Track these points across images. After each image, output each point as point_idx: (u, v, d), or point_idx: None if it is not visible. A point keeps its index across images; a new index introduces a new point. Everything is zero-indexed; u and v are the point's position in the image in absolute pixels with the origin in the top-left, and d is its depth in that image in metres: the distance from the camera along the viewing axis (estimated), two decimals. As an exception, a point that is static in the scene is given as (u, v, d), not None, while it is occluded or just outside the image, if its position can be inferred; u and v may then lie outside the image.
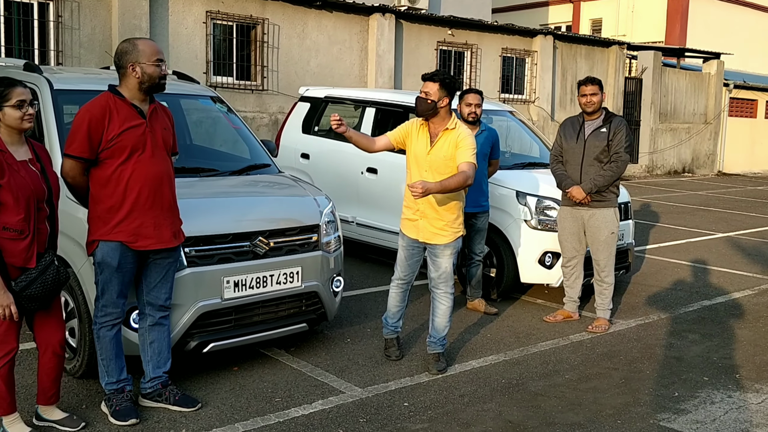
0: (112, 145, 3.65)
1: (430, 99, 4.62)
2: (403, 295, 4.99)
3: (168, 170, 3.82)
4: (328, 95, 8.42)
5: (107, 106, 3.69)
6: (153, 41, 3.86)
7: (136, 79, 3.73)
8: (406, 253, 4.89)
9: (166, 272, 3.90)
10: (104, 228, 3.71)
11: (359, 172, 7.61)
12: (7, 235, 3.34)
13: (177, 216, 3.90)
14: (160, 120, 3.85)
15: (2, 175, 3.32)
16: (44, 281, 3.41)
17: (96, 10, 11.26)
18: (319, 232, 4.82)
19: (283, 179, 5.36)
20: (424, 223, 4.73)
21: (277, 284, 4.53)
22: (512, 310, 6.35)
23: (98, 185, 3.71)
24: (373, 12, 14.37)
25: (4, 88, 3.40)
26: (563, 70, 18.60)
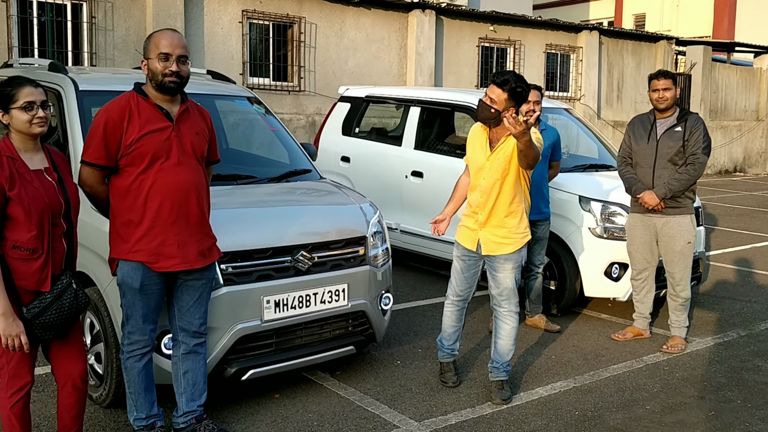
0: (131, 150, 3.20)
1: (494, 108, 4.10)
2: (459, 314, 4.51)
3: (197, 181, 3.33)
4: (370, 95, 7.95)
5: (127, 107, 3.25)
6: (173, 31, 3.33)
7: (147, 76, 3.31)
8: (462, 265, 4.42)
9: (200, 295, 3.44)
10: (124, 246, 3.28)
11: (403, 176, 7.13)
12: (18, 254, 2.93)
13: (207, 233, 3.42)
14: (191, 123, 3.37)
15: (12, 186, 2.91)
16: (60, 307, 2.99)
17: (130, 10, 10.98)
18: (366, 244, 4.36)
19: (326, 186, 4.91)
20: (485, 233, 4.27)
21: (321, 303, 4.07)
22: (575, 327, 5.81)
23: (117, 196, 3.28)
24: (413, 8, 13.89)
25: (11, 88, 2.99)
26: (609, 66, 17.91)
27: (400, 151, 7.24)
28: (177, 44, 3.26)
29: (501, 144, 4.20)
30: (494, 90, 4.09)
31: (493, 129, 4.24)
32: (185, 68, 3.30)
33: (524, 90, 4.08)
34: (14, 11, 10.01)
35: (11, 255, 2.92)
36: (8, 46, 9.94)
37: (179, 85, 3.28)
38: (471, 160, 4.32)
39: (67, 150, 4.35)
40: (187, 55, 3.30)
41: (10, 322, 2.87)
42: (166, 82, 3.24)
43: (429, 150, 7.07)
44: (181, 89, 3.33)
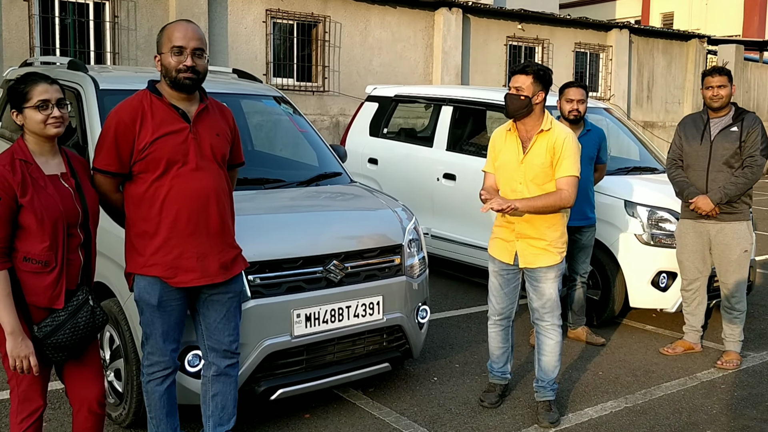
0: (144, 155, 2.90)
1: (523, 95, 3.84)
2: (505, 333, 4.19)
3: (217, 186, 3.02)
4: (398, 94, 7.66)
5: (139, 108, 2.94)
6: (187, 22, 2.99)
7: (161, 73, 2.99)
8: (500, 280, 4.11)
9: (228, 310, 3.13)
10: (139, 259, 2.99)
11: (435, 179, 6.82)
12: (29, 267, 2.67)
13: (230, 243, 3.11)
14: (211, 123, 3.05)
15: (24, 192, 2.65)
16: (75, 326, 2.73)
17: (153, 9, 10.78)
18: (402, 253, 4.06)
19: (357, 189, 4.62)
20: (522, 245, 3.95)
21: (354, 317, 3.79)
22: (620, 339, 5.47)
23: (132, 205, 2.99)
24: (439, 6, 13.59)
25: (24, 86, 2.73)
26: (639, 65, 17.48)
27: (432, 152, 6.93)
28: (191, 36, 2.93)
29: (534, 143, 3.90)
30: (518, 78, 3.87)
31: (522, 127, 3.94)
32: (201, 62, 2.96)
33: (546, 73, 3.88)
34: (36, 11, 9.85)
35: (22, 268, 2.66)
36: (30, 45, 9.78)
37: (195, 82, 2.96)
38: (501, 165, 3.98)
39: (87, 153, 4.10)
40: (203, 48, 2.96)
41: (19, 341, 2.61)
42: (181, 78, 2.91)
43: (462, 151, 6.75)
44: (199, 86, 3.01)
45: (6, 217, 2.61)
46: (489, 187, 4.02)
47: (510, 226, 3.97)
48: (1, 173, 2.62)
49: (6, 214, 2.61)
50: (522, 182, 3.88)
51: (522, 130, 3.93)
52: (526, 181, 3.87)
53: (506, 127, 4.03)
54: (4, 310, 2.59)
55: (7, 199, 2.61)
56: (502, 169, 3.98)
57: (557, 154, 3.83)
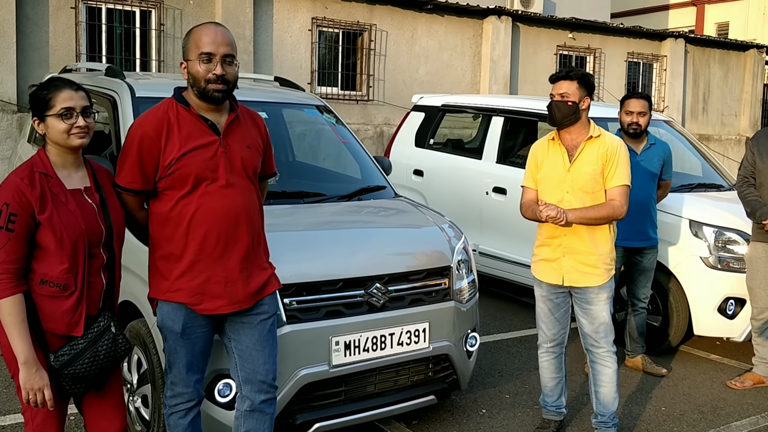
0: (170, 172, 2.66)
1: (570, 100, 3.61)
2: (558, 362, 3.88)
3: (248, 203, 2.76)
4: (446, 103, 7.37)
5: (165, 120, 2.69)
6: (216, 25, 2.73)
7: (188, 82, 2.74)
8: (549, 305, 3.80)
9: (261, 333, 2.82)
10: (163, 283, 2.75)
11: (484, 193, 6.51)
12: (47, 290, 2.45)
13: (261, 265, 2.84)
14: (242, 135, 2.79)
15: (43, 208, 2.44)
16: (95, 355, 2.50)
17: (199, 17, 10.69)
18: (450, 275, 3.77)
19: (402, 204, 4.35)
20: (569, 261, 3.66)
21: (398, 345, 3.50)
22: (683, 370, 5.07)
23: (156, 224, 2.75)
24: (488, 14, 13.26)
25: (47, 92, 2.52)
26: (695, 76, 16.85)
27: (481, 164, 6.62)
28: (221, 41, 2.66)
29: (582, 150, 3.64)
30: (562, 84, 3.65)
31: (567, 136, 3.68)
32: (232, 70, 2.70)
33: (591, 78, 3.73)
34: (83, 18, 9.84)
35: (39, 291, 2.45)
36: (76, 53, 9.77)
37: (225, 93, 2.70)
38: (545, 176, 3.73)
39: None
40: (233, 54, 2.70)
41: (33, 372, 2.39)
42: (210, 90, 2.66)
43: (514, 164, 6.42)
44: (228, 97, 2.75)
45: (22, 236, 2.40)
46: (530, 201, 3.78)
47: (554, 243, 3.70)
48: (19, 187, 2.42)
49: (23, 232, 2.40)
50: (570, 191, 3.63)
51: (567, 139, 3.69)
52: (575, 190, 3.62)
53: (548, 137, 3.80)
54: (17, 337, 2.38)
55: (24, 215, 2.40)
56: (546, 180, 3.73)
57: (610, 162, 3.61)
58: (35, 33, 9.52)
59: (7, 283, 2.38)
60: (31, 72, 9.43)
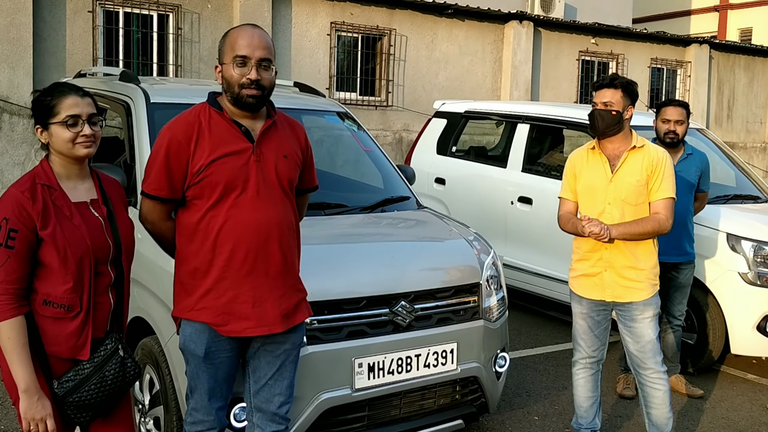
0: (199, 179, 2.47)
1: (614, 110, 3.46)
2: (594, 379, 3.70)
3: (281, 218, 2.55)
4: (469, 110, 7.16)
5: (196, 124, 2.51)
6: (253, 27, 2.55)
7: (222, 87, 2.57)
8: (589, 322, 3.63)
9: (282, 364, 2.63)
10: (187, 300, 2.55)
11: (509, 202, 6.30)
12: (50, 312, 2.27)
13: (294, 286, 2.62)
14: (278, 143, 2.59)
15: (45, 223, 2.26)
16: (102, 381, 2.32)
17: (216, 22, 10.58)
18: (479, 292, 3.56)
19: (428, 216, 4.15)
20: (610, 275, 3.50)
21: (425, 367, 3.30)
22: (720, 391, 4.83)
23: (183, 237, 2.56)
24: (510, 19, 13.05)
25: (51, 98, 2.34)
26: (719, 83, 16.53)
27: (506, 173, 6.41)
28: (257, 44, 2.49)
29: (624, 160, 3.49)
30: (605, 93, 3.50)
31: (610, 145, 3.53)
32: (268, 75, 2.51)
33: (635, 86, 3.60)
34: (100, 22, 9.74)
35: (41, 313, 2.27)
36: (93, 57, 9.67)
37: (260, 99, 2.52)
38: (585, 188, 3.57)
39: (134, 172, 3.75)
40: (270, 59, 2.52)
41: (34, 401, 2.21)
42: (244, 95, 2.48)
43: (540, 173, 6.21)
44: (264, 103, 2.57)
45: (23, 253, 2.23)
46: (568, 213, 3.61)
47: (594, 257, 3.53)
48: (19, 201, 2.24)
49: (23, 250, 2.23)
50: (612, 202, 3.47)
51: (608, 149, 3.54)
52: (617, 201, 3.46)
53: (587, 146, 3.63)
54: (18, 363, 2.20)
55: (25, 231, 2.23)
56: (586, 191, 3.56)
57: (655, 174, 3.45)
58: (52, 37, 9.44)
59: (7, 305, 2.20)
60: (47, 76, 9.34)
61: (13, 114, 9.09)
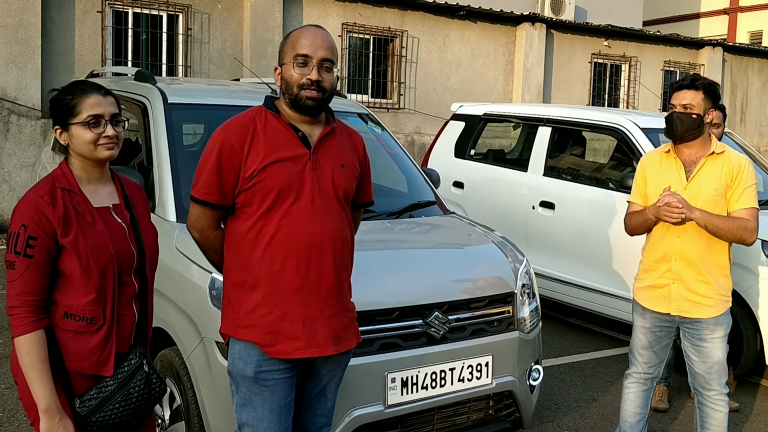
0: (251, 185, 2.30)
1: (694, 113, 3.22)
2: (646, 395, 3.51)
3: (336, 231, 2.36)
4: (488, 112, 7.00)
5: (251, 126, 2.34)
6: (316, 28, 2.40)
7: (281, 89, 2.40)
8: (651, 337, 3.43)
9: (326, 385, 2.47)
10: (234, 316, 2.36)
11: (529, 207, 6.13)
12: (71, 325, 2.11)
13: (345, 305, 2.43)
14: (336, 151, 2.42)
15: (67, 230, 2.10)
16: (126, 399, 2.17)
17: (227, 22, 10.44)
18: (514, 302, 3.40)
19: (456, 222, 3.99)
20: (679, 288, 3.29)
21: (459, 382, 3.14)
22: (757, 404, 4.66)
23: (231, 247, 2.38)
24: (522, 21, 12.89)
25: (71, 97, 2.18)
26: (732, 86, 16.35)
27: (527, 177, 6.24)
28: (320, 44, 2.33)
29: (702, 166, 3.27)
30: (685, 94, 3.26)
31: (687, 150, 3.31)
32: (329, 77, 2.35)
33: (717, 88, 3.34)
34: (109, 22, 9.61)
35: (62, 326, 2.12)
36: (102, 57, 9.54)
37: (320, 102, 2.34)
38: (656, 193, 3.30)
39: (152, 175, 3.60)
40: (333, 60, 2.35)
41: (56, 422, 2.05)
42: (303, 97, 2.31)
43: (562, 177, 6.05)
44: (324, 107, 2.40)
45: (43, 263, 2.07)
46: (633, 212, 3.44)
47: (662, 267, 3.32)
48: (38, 206, 2.09)
49: (43, 259, 2.07)
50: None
51: (685, 153, 3.32)
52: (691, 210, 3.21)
53: (661, 149, 3.43)
54: (38, 381, 2.04)
55: (45, 239, 2.07)
56: (658, 196, 3.30)
57: (736, 182, 3.23)
58: (61, 37, 9.31)
59: (26, 318, 2.05)
60: (56, 77, 9.21)
61: (21, 115, 8.95)
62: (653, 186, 3.35)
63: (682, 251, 3.25)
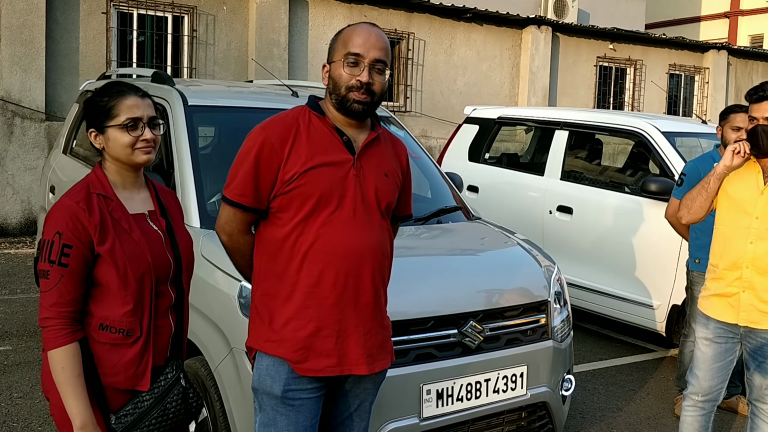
0: (290, 188, 2.15)
1: None
2: (705, 420, 3.32)
3: (377, 243, 2.22)
4: (502, 116, 6.92)
5: (293, 127, 2.20)
6: (371, 26, 2.24)
7: (327, 88, 2.26)
8: (714, 350, 3.22)
9: (360, 404, 2.33)
10: (264, 329, 2.21)
11: (546, 211, 6.05)
12: (107, 337, 2.02)
13: (380, 323, 2.28)
14: (380, 160, 2.29)
15: (103, 238, 2.01)
16: (163, 414, 2.07)
17: (232, 24, 10.35)
18: (548, 310, 3.31)
19: (485, 228, 3.89)
20: (749, 297, 3.09)
21: (494, 393, 3.04)
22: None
23: (264, 254, 2.24)
24: (528, 24, 12.82)
25: (108, 98, 2.09)
26: (737, 89, 16.28)
27: (543, 181, 6.16)
28: (374, 43, 2.18)
29: None
30: (766, 106, 3.05)
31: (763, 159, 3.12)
32: (381, 80, 2.20)
33: None
34: (114, 24, 9.51)
35: (97, 339, 2.02)
36: (107, 59, 9.43)
37: (369, 106, 2.20)
38: (729, 197, 3.18)
39: (173, 180, 3.51)
40: (386, 62, 2.20)
41: None
42: (351, 98, 2.17)
43: (580, 181, 5.97)
44: (372, 112, 2.25)
45: (79, 272, 1.98)
46: None
47: (731, 275, 3.12)
48: (74, 213, 1.99)
49: (78, 268, 1.98)
50: (760, 216, 3.08)
51: (765, 160, 3.13)
52: (765, 218, 3.07)
53: None
54: (73, 396, 1.95)
55: (81, 247, 1.98)
56: (730, 201, 3.18)
57: None
58: (65, 39, 9.20)
59: (61, 330, 1.95)
60: (60, 79, 9.11)
61: (25, 118, 8.84)
62: (725, 190, 3.17)
63: (755, 258, 3.07)
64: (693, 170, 4.20)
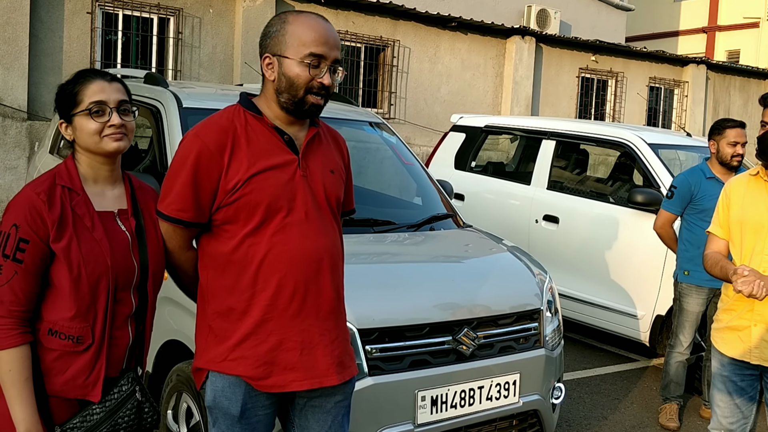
0: (234, 199, 2.01)
1: None
2: None
3: (333, 245, 2.12)
4: (489, 124, 6.96)
5: (231, 130, 2.04)
6: (325, 21, 2.09)
7: (271, 83, 2.07)
8: (729, 387, 2.99)
9: (334, 420, 2.18)
10: (218, 348, 2.06)
11: (532, 220, 6.09)
12: (55, 344, 1.88)
13: (343, 328, 2.18)
14: (324, 156, 2.16)
15: (60, 234, 1.87)
16: (113, 429, 1.94)
17: (218, 26, 10.31)
18: (541, 319, 3.33)
19: (476, 236, 3.92)
20: (760, 331, 2.85)
21: (487, 400, 3.05)
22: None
23: (211, 270, 2.08)
24: (512, 34, 12.93)
25: (73, 86, 1.96)
26: (715, 103, 16.56)
27: (530, 190, 6.21)
28: (334, 42, 2.05)
29: None
30: None
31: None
32: (336, 80, 2.07)
33: None
34: (99, 24, 9.43)
35: (45, 344, 1.89)
36: (91, 60, 9.34)
37: (320, 109, 2.08)
38: (741, 220, 2.94)
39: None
40: (341, 60, 2.11)
41: None
42: (309, 101, 2.03)
43: (566, 191, 6.02)
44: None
45: (34, 269, 1.86)
46: (717, 254, 3.00)
47: (742, 307, 2.89)
48: (34, 205, 1.86)
49: (35, 265, 1.86)
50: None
51: None
52: None
53: (748, 173, 3.04)
54: (18, 401, 1.83)
55: (38, 242, 1.86)
56: (743, 224, 2.93)
57: None
58: (49, 38, 9.10)
59: (10, 330, 1.83)
60: (43, 78, 9.01)
61: (6, 117, 8.73)
62: (737, 210, 2.95)
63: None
64: (683, 183, 4.26)
